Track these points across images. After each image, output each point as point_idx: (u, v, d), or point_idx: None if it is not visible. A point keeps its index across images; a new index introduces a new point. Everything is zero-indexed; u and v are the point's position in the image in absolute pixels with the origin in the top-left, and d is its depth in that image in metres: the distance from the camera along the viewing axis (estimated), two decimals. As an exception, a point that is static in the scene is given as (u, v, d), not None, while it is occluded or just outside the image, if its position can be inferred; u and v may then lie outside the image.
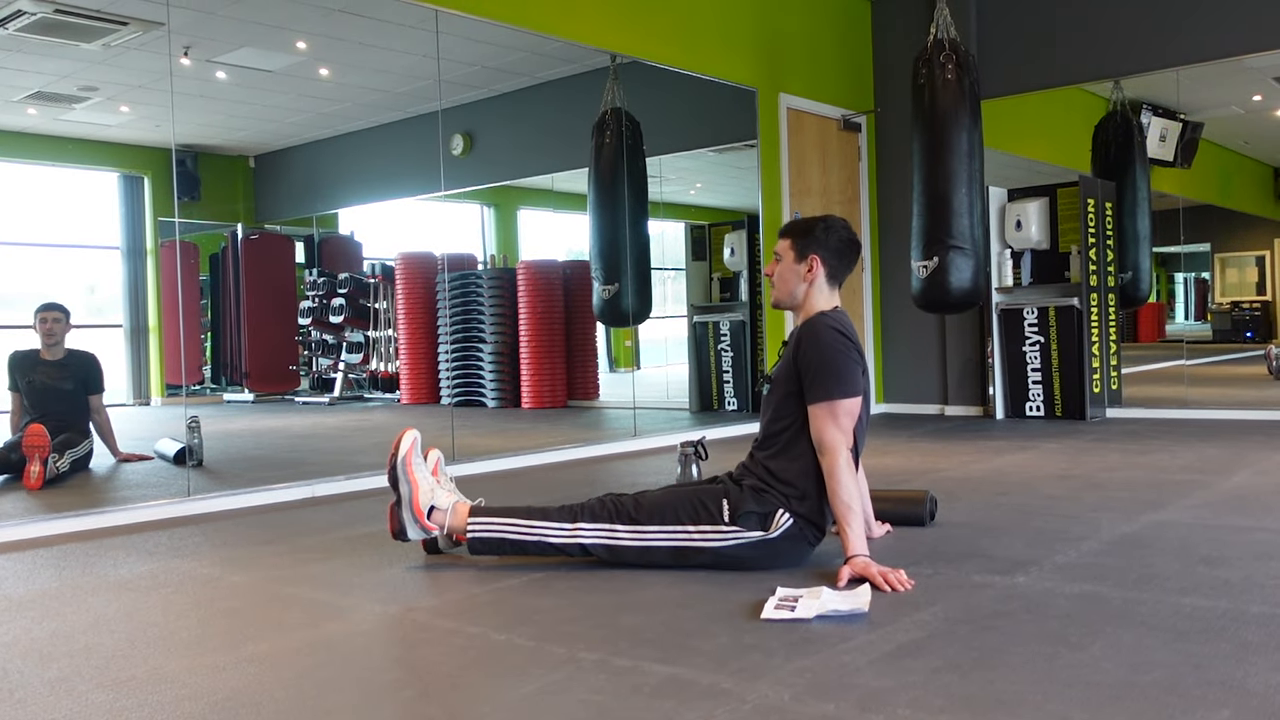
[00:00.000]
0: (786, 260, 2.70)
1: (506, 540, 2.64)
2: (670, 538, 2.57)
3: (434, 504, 2.69)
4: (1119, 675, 1.74)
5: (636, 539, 2.58)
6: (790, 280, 2.70)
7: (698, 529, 2.55)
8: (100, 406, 4.83)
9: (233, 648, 2.09)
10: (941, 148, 5.29)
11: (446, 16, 4.71)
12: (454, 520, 2.68)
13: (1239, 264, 7.28)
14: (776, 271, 2.73)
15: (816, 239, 2.70)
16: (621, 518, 2.60)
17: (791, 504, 2.54)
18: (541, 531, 2.62)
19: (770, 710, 1.63)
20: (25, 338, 4.83)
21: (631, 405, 6.33)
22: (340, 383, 7.47)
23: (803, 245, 2.69)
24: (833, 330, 2.59)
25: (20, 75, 5.34)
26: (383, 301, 7.62)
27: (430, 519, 2.68)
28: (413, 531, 2.69)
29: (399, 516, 2.69)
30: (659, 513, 2.59)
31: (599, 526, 2.60)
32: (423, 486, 2.68)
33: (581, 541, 2.60)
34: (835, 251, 2.71)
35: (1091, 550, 2.70)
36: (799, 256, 2.69)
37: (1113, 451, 4.70)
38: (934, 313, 6.01)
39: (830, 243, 2.70)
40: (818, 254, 2.68)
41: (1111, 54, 6.28)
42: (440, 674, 1.92)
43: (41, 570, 2.90)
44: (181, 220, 5.71)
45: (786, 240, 2.73)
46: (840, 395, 2.51)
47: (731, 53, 6.15)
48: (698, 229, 7.18)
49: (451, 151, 6.40)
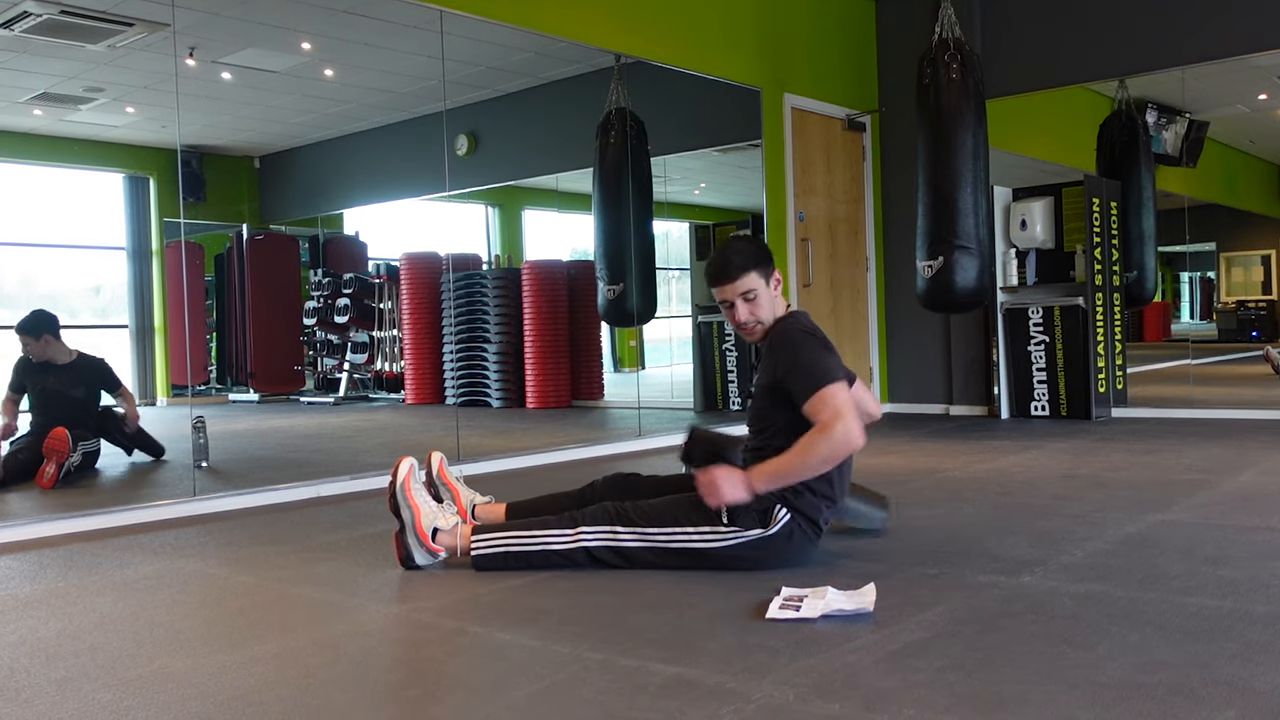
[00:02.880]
0: (762, 292, 2.67)
1: (511, 555, 2.64)
2: (671, 539, 2.57)
3: (437, 525, 2.68)
4: (1124, 675, 1.74)
5: (639, 540, 2.58)
6: (770, 306, 2.69)
7: (697, 530, 2.56)
8: (122, 397, 4.95)
9: (238, 648, 2.09)
10: (946, 147, 5.29)
11: (451, 17, 4.71)
12: (460, 541, 2.68)
13: (1244, 263, 7.27)
14: (756, 310, 2.68)
15: (764, 254, 2.73)
16: (622, 520, 2.60)
17: (789, 500, 2.54)
18: (544, 540, 2.62)
19: (775, 710, 1.63)
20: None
21: (636, 405, 6.33)
22: (345, 383, 7.47)
23: (766, 269, 2.70)
24: (800, 331, 2.63)
25: (26, 76, 5.35)
26: (387, 302, 7.63)
27: (435, 541, 2.67)
28: (420, 556, 2.67)
29: (405, 543, 2.68)
30: (658, 516, 2.60)
31: (601, 529, 2.61)
32: (424, 510, 2.67)
33: (585, 546, 2.60)
34: (771, 258, 2.77)
35: (1097, 550, 2.70)
36: (767, 279, 2.69)
37: (1118, 451, 4.69)
38: (939, 312, 6.01)
39: (768, 252, 2.76)
40: (774, 267, 2.73)
41: (1116, 53, 6.27)
42: (445, 674, 1.93)
43: (48, 570, 2.91)
44: (187, 221, 5.71)
45: (750, 274, 2.66)
46: (823, 384, 2.51)
47: (736, 53, 6.15)
48: (702, 229, 7.18)
49: (456, 152, 6.40)
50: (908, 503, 3.54)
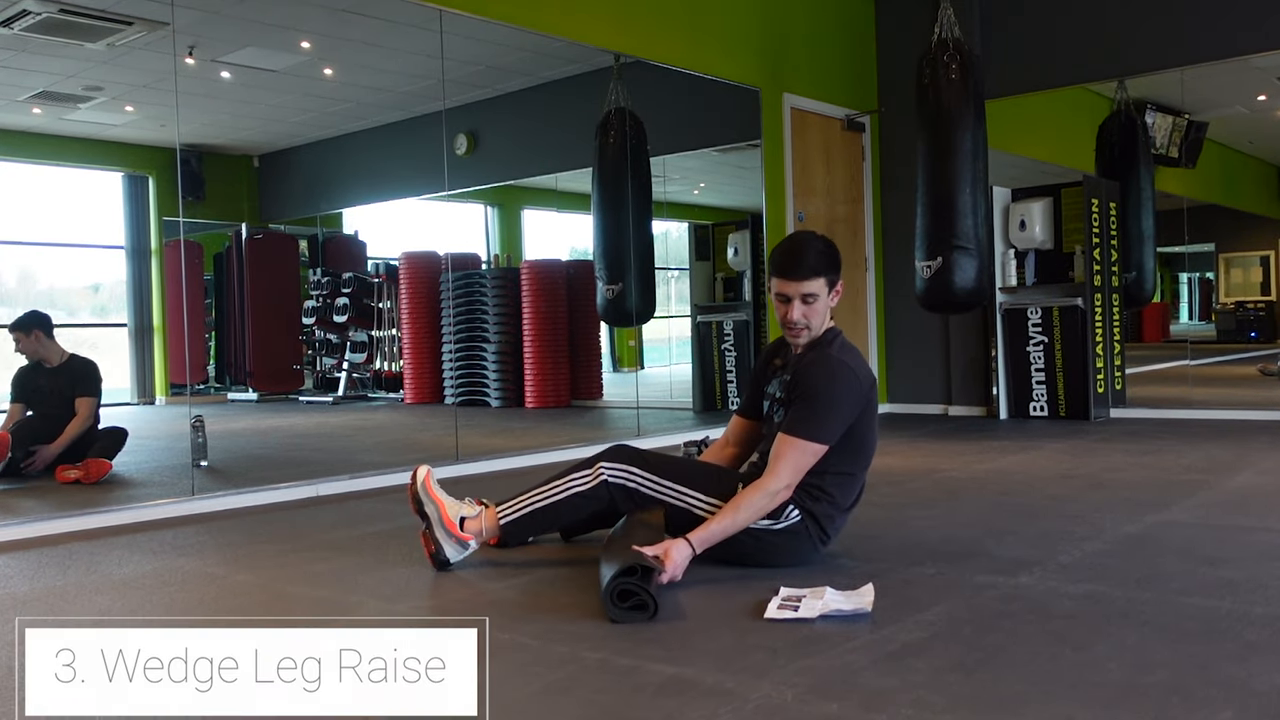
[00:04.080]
0: (822, 298, 2.59)
1: (539, 510, 2.64)
2: (680, 496, 2.58)
3: (463, 514, 2.67)
4: (1122, 676, 1.74)
5: (652, 488, 2.58)
6: (825, 315, 2.63)
7: (707, 499, 2.56)
8: (84, 411, 4.60)
9: (237, 646, 2.09)
10: (945, 148, 5.28)
11: (450, 16, 4.71)
12: (486, 523, 2.67)
13: (1243, 264, 7.27)
14: (811, 313, 2.59)
15: (836, 263, 2.64)
16: (640, 464, 2.61)
17: (805, 501, 2.53)
18: (567, 485, 2.62)
19: (773, 710, 1.63)
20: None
21: (635, 405, 6.34)
22: (344, 382, 7.48)
23: (834, 278, 2.62)
24: (838, 364, 2.56)
25: (25, 75, 5.35)
26: (386, 301, 7.63)
27: (464, 529, 2.66)
28: (450, 550, 2.64)
29: (434, 539, 2.63)
30: (675, 471, 2.61)
31: (619, 466, 2.61)
32: (447, 502, 2.67)
33: (605, 478, 2.60)
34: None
35: (1095, 550, 2.70)
36: (831, 289, 2.62)
37: (1116, 452, 4.69)
38: (938, 313, 6.01)
39: (839, 260, 2.66)
40: (840, 276, 2.65)
41: (1116, 53, 6.27)
42: (443, 673, 1.92)
43: (46, 569, 2.91)
44: (186, 220, 5.71)
45: (818, 279, 2.57)
46: (813, 438, 2.48)
47: (735, 53, 6.15)
48: (701, 229, 7.18)
49: (455, 151, 6.40)
50: (907, 503, 3.54)
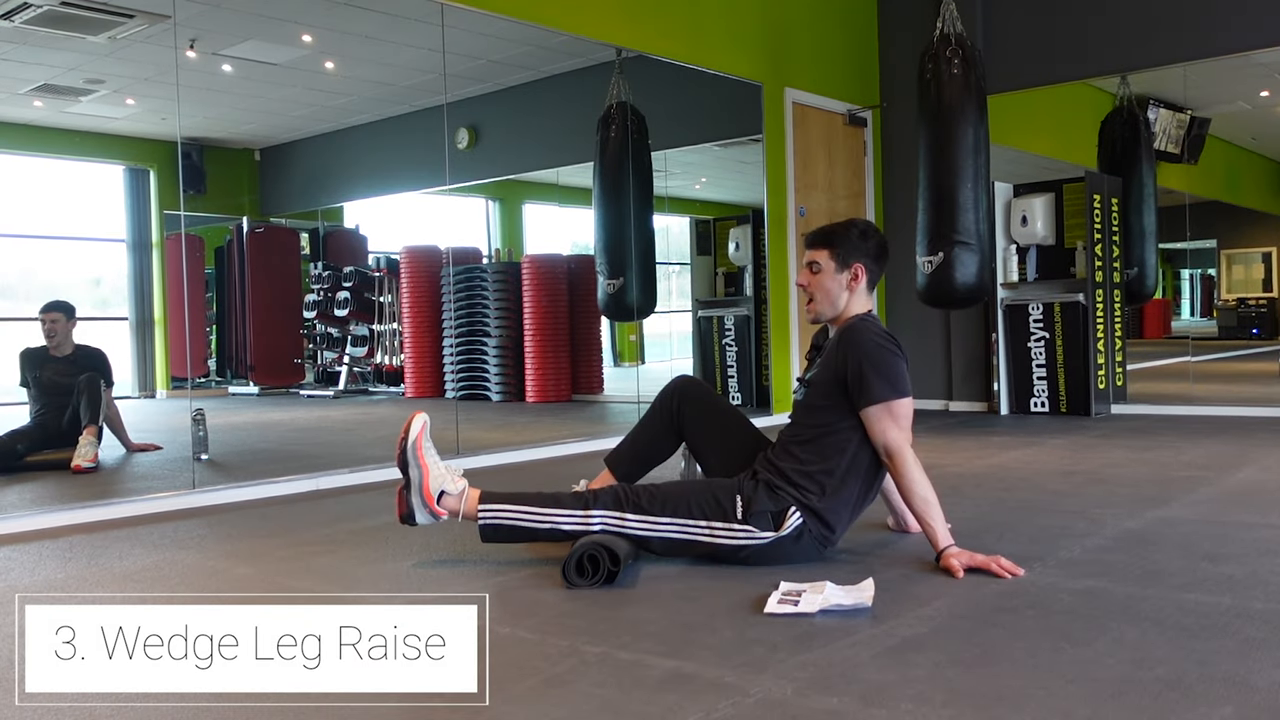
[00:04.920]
0: (827, 270, 2.62)
1: (519, 528, 2.59)
2: (679, 530, 2.55)
3: (444, 489, 2.62)
4: (1122, 671, 1.74)
5: (646, 529, 2.55)
6: (833, 291, 2.63)
7: (708, 524, 2.53)
8: (109, 400, 4.81)
9: (237, 639, 2.09)
10: (947, 143, 5.28)
11: (452, 10, 4.71)
12: (464, 506, 2.62)
13: (1245, 260, 7.27)
14: (815, 283, 2.64)
15: (857, 245, 2.64)
16: (632, 507, 2.56)
17: (807, 500, 2.52)
18: (554, 518, 2.58)
19: (773, 704, 1.64)
20: (32, 330, 4.84)
21: (636, 399, 6.33)
22: (345, 376, 7.48)
23: (844, 253, 2.63)
24: (877, 333, 2.58)
25: (26, 68, 5.35)
26: (387, 295, 7.64)
27: (440, 504, 2.61)
28: (421, 516, 2.60)
29: (407, 500, 2.60)
30: (671, 503, 2.56)
31: (610, 513, 2.57)
32: (433, 471, 2.61)
33: (594, 528, 2.57)
34: (875, 257, 2.67)
35: (1095, 546, 2.70)
36: (841, 265, 2.62)
37: (1117, 448, 4.69)
38: (939, 308, 6.00)
39: (870, 249, 2.66)
40: (862, 262, 2.64)
41: (1118, 49, 6.25)
42: (444, 666, 1.93)
43: (47, 561, 2.91)
44: (187, 213, 5.71)
45: (824, 250, 2.63)
46: (894, 395, 2.52)
47: (737, 47, 6.14)
48: (703, 223, 7.18)
49: (457, 145, 6.40)
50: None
